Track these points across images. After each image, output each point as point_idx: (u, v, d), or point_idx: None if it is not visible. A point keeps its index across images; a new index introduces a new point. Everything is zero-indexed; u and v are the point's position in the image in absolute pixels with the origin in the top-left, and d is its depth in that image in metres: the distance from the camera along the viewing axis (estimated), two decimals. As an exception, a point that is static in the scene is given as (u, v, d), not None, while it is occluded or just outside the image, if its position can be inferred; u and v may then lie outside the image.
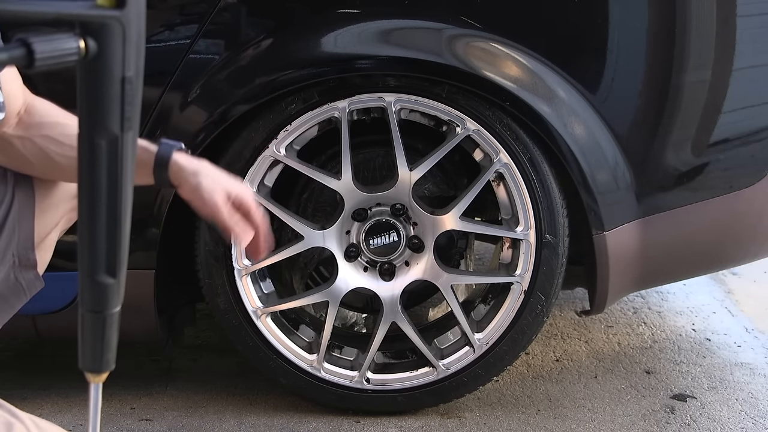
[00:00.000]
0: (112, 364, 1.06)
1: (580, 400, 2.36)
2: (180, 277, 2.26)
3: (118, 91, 0.93)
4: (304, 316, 2.32)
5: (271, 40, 2.05)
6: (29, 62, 0.85)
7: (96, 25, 0.89)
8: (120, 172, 0.97)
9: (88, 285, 1.02)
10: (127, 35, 0.91)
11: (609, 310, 2.92)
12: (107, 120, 0.94)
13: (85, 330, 1.04)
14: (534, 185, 2.10)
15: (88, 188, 0.97)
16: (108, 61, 0.91)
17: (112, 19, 0.89)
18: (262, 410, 2.30)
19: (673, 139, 2.12)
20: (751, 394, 2.38)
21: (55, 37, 0.87)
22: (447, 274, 2.18)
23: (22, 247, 1.46)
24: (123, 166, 0.97)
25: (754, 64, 2.14)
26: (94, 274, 1.01)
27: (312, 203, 2.29)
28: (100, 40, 0.89)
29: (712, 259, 2.35)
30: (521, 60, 2.04)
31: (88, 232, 0.99)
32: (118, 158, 0.96)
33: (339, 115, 2.08)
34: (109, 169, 0.96)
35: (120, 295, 1.04)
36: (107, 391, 2.35)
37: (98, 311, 1.03)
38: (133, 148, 0.98)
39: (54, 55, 0.86)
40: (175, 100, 2.04)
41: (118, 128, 0.95)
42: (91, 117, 0.94)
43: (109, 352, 1.05)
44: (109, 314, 1.03)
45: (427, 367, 2.21)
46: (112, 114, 0.94)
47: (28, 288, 1.49)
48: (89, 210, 0.98)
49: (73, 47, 0.88)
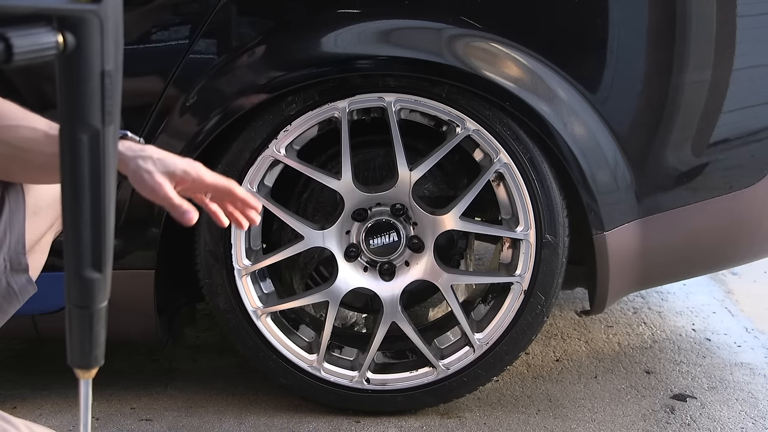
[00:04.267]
0: (101, 359, 1.06)
1: (580, 400, 2.36)
2: (180, 277, 2.27)
3: (98, 84, 0.93)
4: (304, 316, 2.32)
5: (271, 40, 2.05)
6: (7, 57, 0.85)
7: (74, 19, 0.89)
8: (102, 166, 0.97)
9: (75, 280, 1.01)
10: (105, 29, 0.91)
11: (609, 310, 2.92)
12: (88, 114, 0.94)
13: (73, 326, 1.04)
14: (534, 185, 2.10)
15: (71, 183, 0.97)
16: (87, 55, 0.91)
17: (89, 12, 0.89)
18: (262, 410, 2.30)
19: (673, 139, 2.12)
20: (751, 394, 2.38)
21: (33, 32, 0.86)
22: (447, 274, 2.18)
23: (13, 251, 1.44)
24: (105, 160, 0.97)
25: (754, 64, 2.14)
26: (80, 270, 1.01)
27: (312, 203, 2.29)
28: (78, 34, 0.89)
29: (712, 259, 2.35)
30: (521, 60, 2.04)
31: (73, 228, 0.99)
32: (101, 152, 0.96)
33: (339, 115, 2.08)
34: (91, 163, 0.96)
35: (107, 290, 1.03)
36: (107, 391, 2.37)
37: (85, 307, 1.02)
38: (114, 142, 0.97)
39: (32, 50, 0.86)
40: (175, 100, 2.04)
41: (99, 122, 0.95)
42: (71, 112, 0.94)
43: (97, 347, 1.05)
44: (96, 309, 1.03)
45: (427, 367, 2.22)
46: (93, 108, 0.94)
47: (21, 293, 1.47)
48: (73, 205, 0.98)
49: (52, 41, 0.88)
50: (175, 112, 2.04)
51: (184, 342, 2.69)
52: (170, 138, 2.03)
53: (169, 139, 2.03)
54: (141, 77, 2.07)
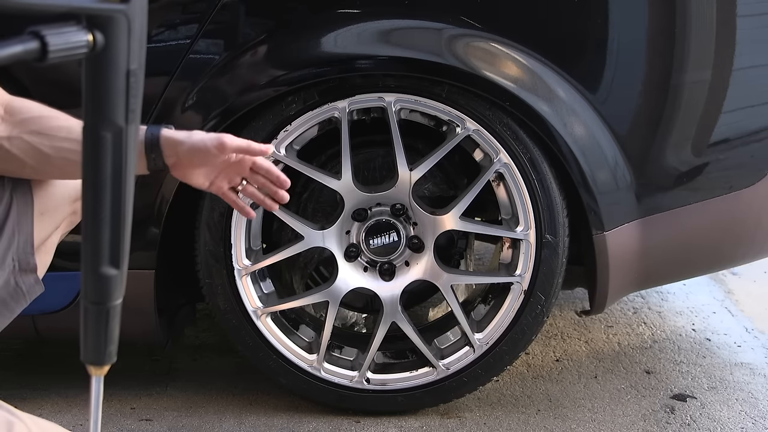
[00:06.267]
0: (114, 356, 1.07)
1: (580, 400, 2.36)
2: (180, 277, 2.27)
3: (123, 83, 0.94)
4: (304, 316, 2.32)
5: (271, 40, 2.05)
6: (42, 55, 0.86)
7: (103, 19, 0.90)
8: (124, 164, 0.98)
9: (92, 277, 1.02)
10: (132, 29, 0.92)
11: (609, 310, 2.92)
12: (113, 113, 0.95)
13: (88, 322, 1.04)
14: (534, 185, 2.10)
15: (93, 180, 0.98)
16: (114, 55, 0.92)
17: (118, 12, 0.91)
18: (262, 410, 2.30)
19: (673, 139, 2.12)
20: (751, 394, 2.38)
21: (65, 30, 0.88)
22: (447, 274, 2.18)
23: (21, 251, 1.46)
24: (127, 158, 0.98)
25: (754, 64, 2.14)
26: (97, 266, 1.01)
27: (312, 203, 2.29)
28: (107, 34, 0.91)
29: (712, 259, 2.35)
30: (521, 60, 2.04)
31: (93, 224, 1.00)
32: (123, 150, 0.97)
33: (339, 115, 2.08)
34: (113, 160, 0.97)
35: (122, 286, 1.04)
36: (107, 391, 2.36)
37: (101, 303, 1.03)
38: (134, 140, 0.98)
39: (65, 48, 0.87)
40: (176, 100, 2.04)
41: (123, 120, 0.96)
42: (97, 110, 0.95)
43: (111, 344, 1.05)
44: (112, 306, 1.04)
45: (427, 367, 2.21)
46: (118, 107, 0.95)
47: (29, 292, 1.49)
48: (94, 202, 0.99)
49: (83, 41, 0.89)
50: (175, 112, 2.04)
51: (184, 342, 2.69)
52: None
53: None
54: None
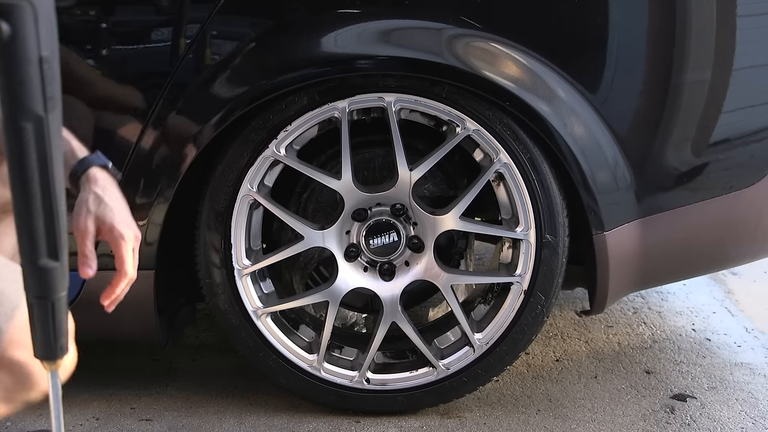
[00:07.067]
0: (67, 349, 1.05)
1: (580, 400, 2.36)
2: (180, 277, 2.26)
3: (37, 71, 0.94)
4: (304, 316, 2.32)
5: (271, 40, 2.04)
6: None
7: (8, 7, 0.91)
8: (48, 153, 0.97)
9: (32, 271, 1.01)
10: (39, 15, 0.92)
11: (609, 310, 2.92)
12: (30, 101, 0.95)
13: (35, 317, 1.03)
14: (534, 185, 2.10)
15: (19, 172, 0.97)
16: (23, 42, 0.93)
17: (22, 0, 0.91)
18: (262, 410, 2.30)
19: (673, 139, 2.12)
20: (751, 394, 2.38)
21: None
22: (447, 274, 2.18)
23: None
24: (51, 147, 0.97)
25: (754, 64, 2.14)
26: (36, 259, 1.00)
27: (312, 203, 2.29)
28: (12, 22, 0.91)
29: (712, 259, 2.35)
30: (521, 60, 2.04)
31: (25, 217, 0.99)
32: (45, 139, 0.97)
33: (339, 115, 2.08)
34: (38, 150, 0.96)
35: (65, 278, 1.02)
36: (107, 391, 2.37)
37: (44, 297, 1.02)
38: (58, 128, 0.98)
39: None
40: (175, 100, 2.04)
41: (42, 109, 0.96)
42: (13, 100, 0.95)
43: (61, 337, 1.04)
44: (57, 299, 1.02)
45: (427, 367, 2.21)
46: (35, 95, 0.95)
47: None
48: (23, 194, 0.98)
49: None
50: (175, 112, 2.04)
51: (184, 342, 2.69)
52: (170, 138, 2.03)
53: (169, 139, 2.03)
54: (141, 77, 2.07)
